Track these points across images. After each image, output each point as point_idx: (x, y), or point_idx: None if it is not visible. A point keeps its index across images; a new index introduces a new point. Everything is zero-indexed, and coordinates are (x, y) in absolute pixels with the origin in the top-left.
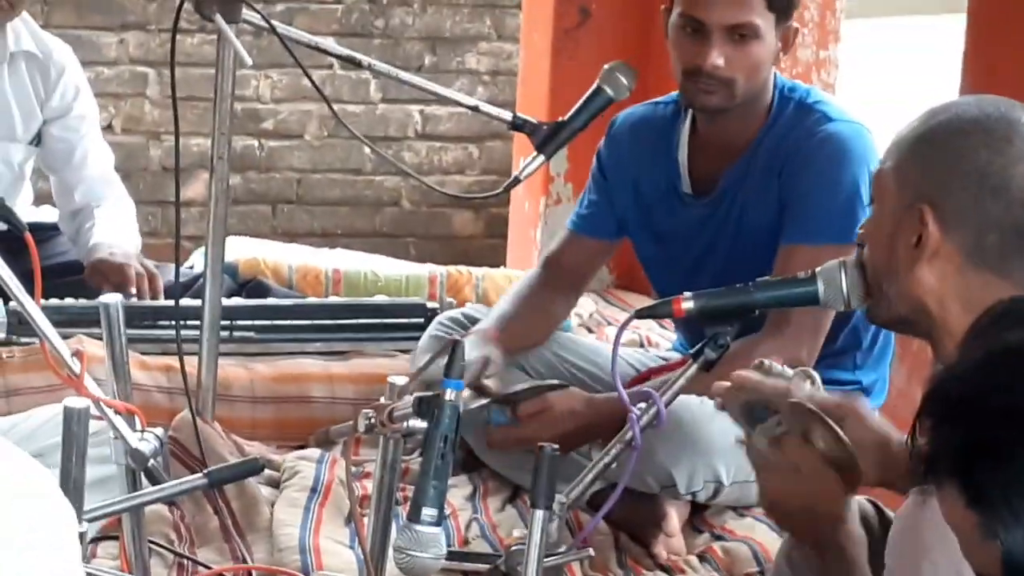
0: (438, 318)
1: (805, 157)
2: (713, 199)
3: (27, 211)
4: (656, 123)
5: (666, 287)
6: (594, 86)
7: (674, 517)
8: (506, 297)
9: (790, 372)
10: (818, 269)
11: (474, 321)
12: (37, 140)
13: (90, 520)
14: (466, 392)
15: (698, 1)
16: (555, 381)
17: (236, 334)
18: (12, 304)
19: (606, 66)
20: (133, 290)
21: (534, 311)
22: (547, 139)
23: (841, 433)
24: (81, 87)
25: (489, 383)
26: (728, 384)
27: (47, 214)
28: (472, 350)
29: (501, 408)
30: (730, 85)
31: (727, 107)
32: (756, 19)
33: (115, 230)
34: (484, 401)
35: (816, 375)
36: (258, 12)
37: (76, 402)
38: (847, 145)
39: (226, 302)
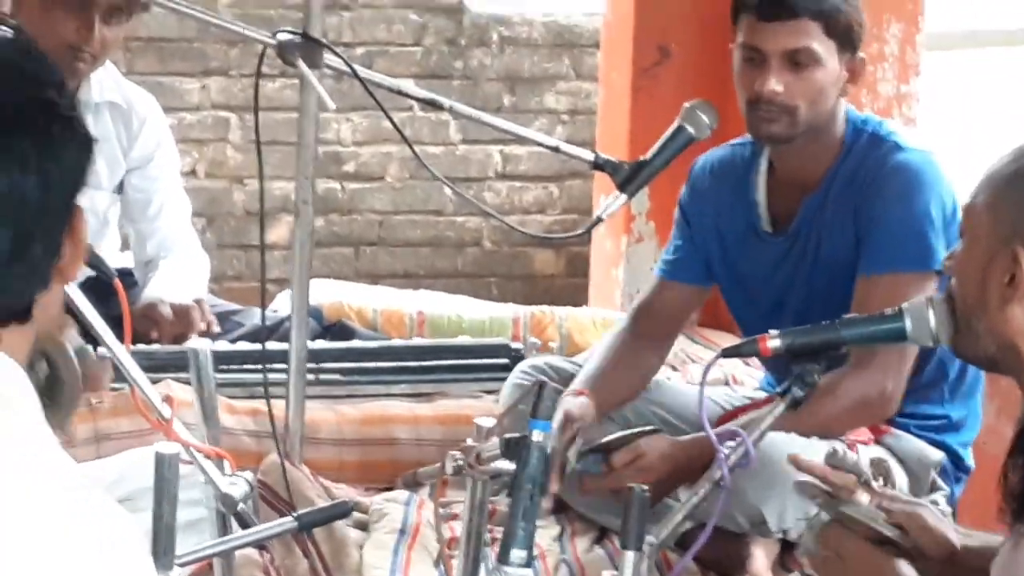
0: (520, 366)
1: (878, 187)
2: (790, 234)
3: (114, 257)
4: (734, 164)
5: (750, 325)
6: (675, 124)
7: (760, 557)
8: (596, 352)
9: (863, 465)
10: (904, 305)
11: (556, 369)
12: (120, 188)
13: (182, 565)
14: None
15: (755, 29)
16: (646, 427)
17: (322, 377)
18: (101, 349)
19: (687, 104)
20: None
21: (626, 366)
22: (629, 178)
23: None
24: (163, 138)
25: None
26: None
27: (131, 260)
28: (561, 409)
29: (595, 458)
30: (792, 112)
31: (791, 136)
32: (814, 45)
33: (174, 280)
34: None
35: (890, 465)
36: (340, 56)
37: (167, 447)
38: (918, 173)
39: (312, 345)
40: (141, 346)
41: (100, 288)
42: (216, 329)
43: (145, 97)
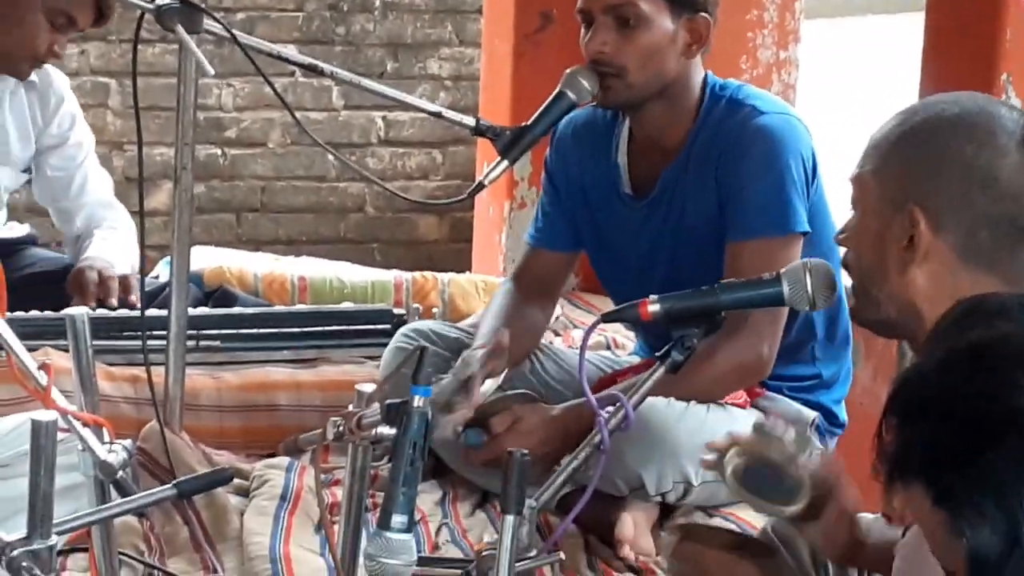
0: (401, 330)
1: (738, 152)
2: (652, 199)
3: (2, 230)
4: (597, 126)
5: (617, 290)
6: (556, 90)
7: (628, 521)
8: (485, 316)
9: (790, 435)
10: (782, 270)
11: (439, 334)
12: (27, 168)
13: (60, 533)
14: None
15: None
16: (521, 391)
17: (202, 343)
18: None
19: (568, 70)
20: (113, 301)
21: (517, 325)
22: (510, 144)
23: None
24: (77, 115)
25: (484, 386)
26: (721, 443)
27: (16, 230)
28: (477, 365)
29: (475, 430)
30: (622, 75)
31: (629, 100)
32: (639, 2)
33: (106, 248)
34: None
35: (814, 438)
36: (219, 22)
37: (44, 415)
38: (777, 136)
39: (192, 312)
40: (19, 313)
41: None
42: (135, 303)
43: (60, 76)
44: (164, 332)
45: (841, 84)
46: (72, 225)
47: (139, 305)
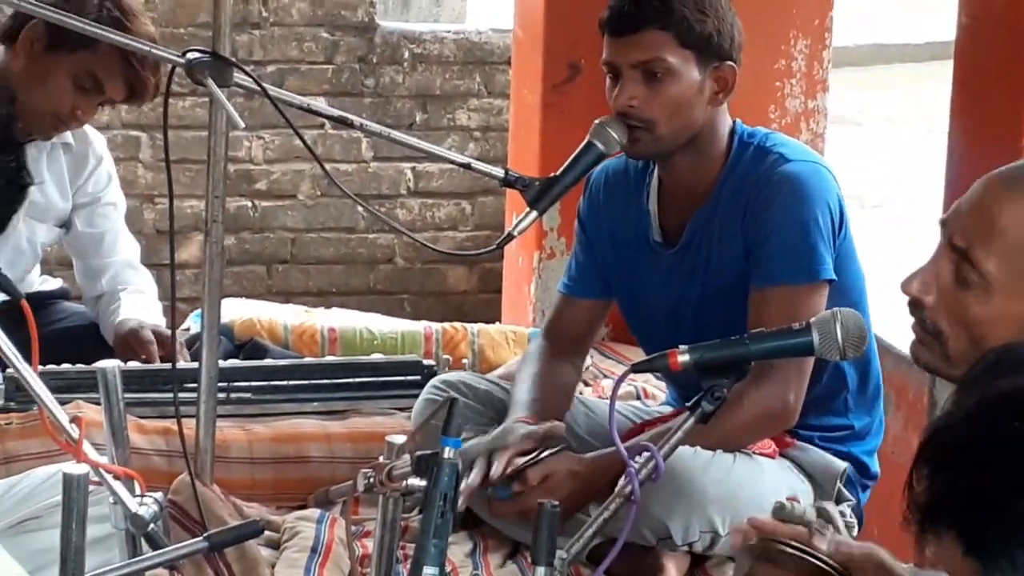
0: (432, 381)
1: (765, 199)
2: (681, 247)
3: (34, 283)
4: (629, 175)
5: (647, 338)
6: (585, 141)
7: (671, 571)
8: (521, 379)
9: (811, 515)
10: (812, 320)
11: (468, 386)
12: (63, 224)
13: None
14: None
15: (610, 46)
16: (554, 448)
17: (233, 396)
18: (9, 371)
19: (597, 121)
20: (181, 359)
21: (553, 388)
22: (539, 195)
23: (810, 551)
24: (113, 177)
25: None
26: (745, 527)
27: (49, 283)
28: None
29: (503, 485)
30: (651, 127)
31: (658, 152)
32: (666, 56)
33: (141, 308)
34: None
35: (836, 515)
36: (249, 75)
37: (75, 468)
38: (803, 184)
39: (223, 364)
40: (51, 367)
41: (13, 312)
42: (187, 358)
43: (98, 137)
44: (195, 384)
45: (868, 131)
46: (97, 283)
47: (188, 359)
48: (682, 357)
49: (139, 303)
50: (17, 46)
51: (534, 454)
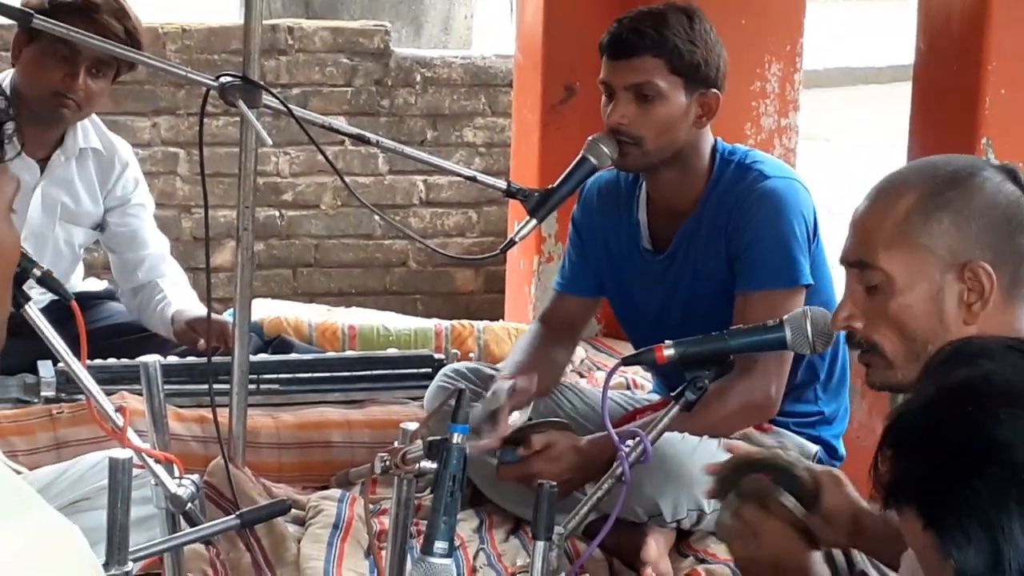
0: (443, 370)
1: (747, 213)
2: (669, 254)
3: (77, 284)
4: (620, 186)
5: (636, 335)
6: (579, 155)
7: (653, 544)
8: (514, 351)
9: (789, 448)
10: (785, 317)
11: (477, 373)
12: (97, 226)
13: (135, 560)
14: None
15: (607, 67)
16: (557, 419)
17: (263, 387)
18: (60, 365)
19: (590, 137)
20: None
21: (541, 360)
22: (538, 204)
23: (792, 499)
24: (140, 180)
25: (512, 417)
26: (719, 464)
27: (92, 285)
28: (504, 397)
29: (510, 448)
30: (639, 143)
31: (645, 165)
32: (657, 80)
33: (189, 298)
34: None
35: (810, 452)
36: (276, 97)
37: (120, 453)
38: (781, 198)
39: (253, 358)
40: (98, 361)
41: (61, 311)
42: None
43: (124, 145)
44: (228, 377)
45: (836, 147)
46: (134, 275)
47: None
48: (667, 351)
49: (184, 294)
50: (14, 59)
51: (536, 421)
